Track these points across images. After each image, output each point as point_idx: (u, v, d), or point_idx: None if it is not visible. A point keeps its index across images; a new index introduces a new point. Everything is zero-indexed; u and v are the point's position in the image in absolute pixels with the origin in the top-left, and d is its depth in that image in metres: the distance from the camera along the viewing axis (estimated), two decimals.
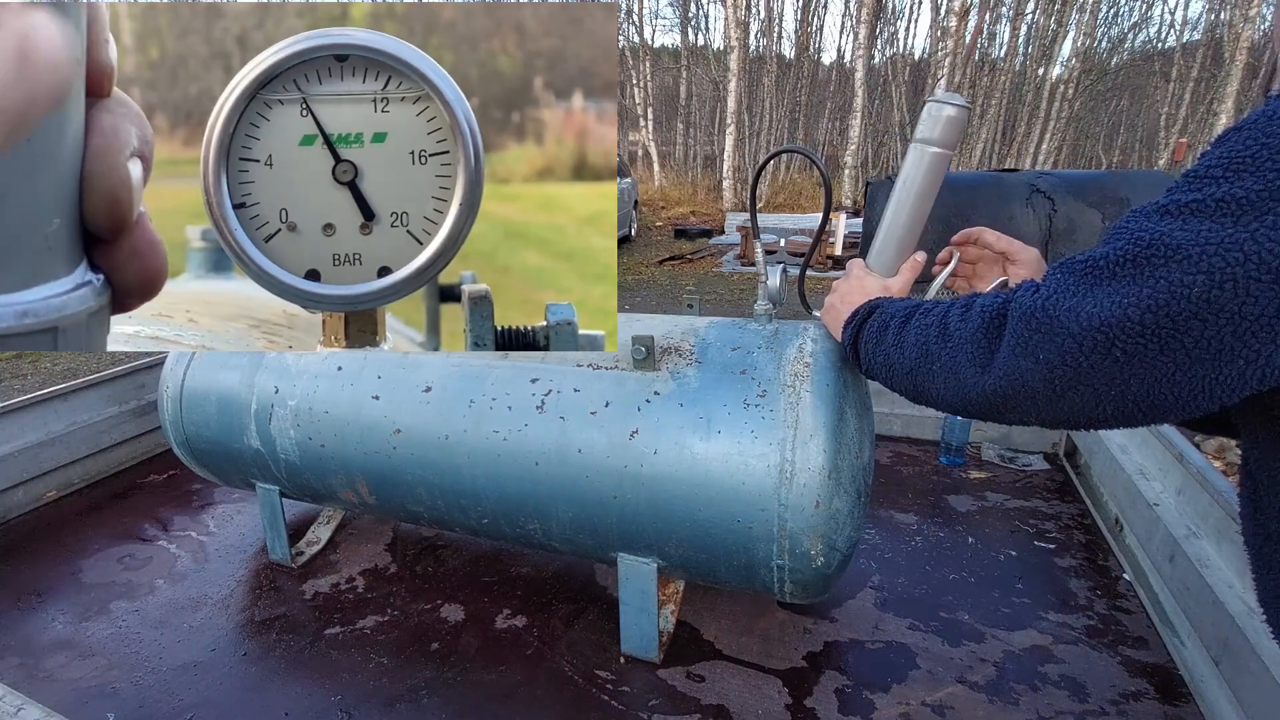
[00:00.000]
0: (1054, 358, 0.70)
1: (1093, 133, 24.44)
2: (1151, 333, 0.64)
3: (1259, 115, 0.60)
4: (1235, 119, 0.80)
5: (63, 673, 1.68)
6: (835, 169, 15.24)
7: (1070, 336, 0.68)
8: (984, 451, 2.73)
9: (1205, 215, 0.61)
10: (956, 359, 0.85)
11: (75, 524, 2.36)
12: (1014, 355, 0.75)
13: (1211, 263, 0.60)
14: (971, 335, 0.83)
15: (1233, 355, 0.61)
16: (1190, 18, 29.31)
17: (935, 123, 1.17)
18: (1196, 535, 1.68)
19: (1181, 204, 0.64)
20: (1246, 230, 0.59)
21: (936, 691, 1.56)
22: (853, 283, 1.25)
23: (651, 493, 1.42)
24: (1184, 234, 0.62)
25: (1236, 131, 0.62)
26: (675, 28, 36.79)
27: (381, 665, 1.69)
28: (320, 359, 1.79)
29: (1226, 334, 0.61)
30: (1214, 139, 0.65)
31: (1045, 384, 0.72)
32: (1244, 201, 0.59)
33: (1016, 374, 0.75)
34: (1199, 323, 0.61)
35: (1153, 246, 0.64)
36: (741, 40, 15.42)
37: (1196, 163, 0.65)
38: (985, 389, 0.80)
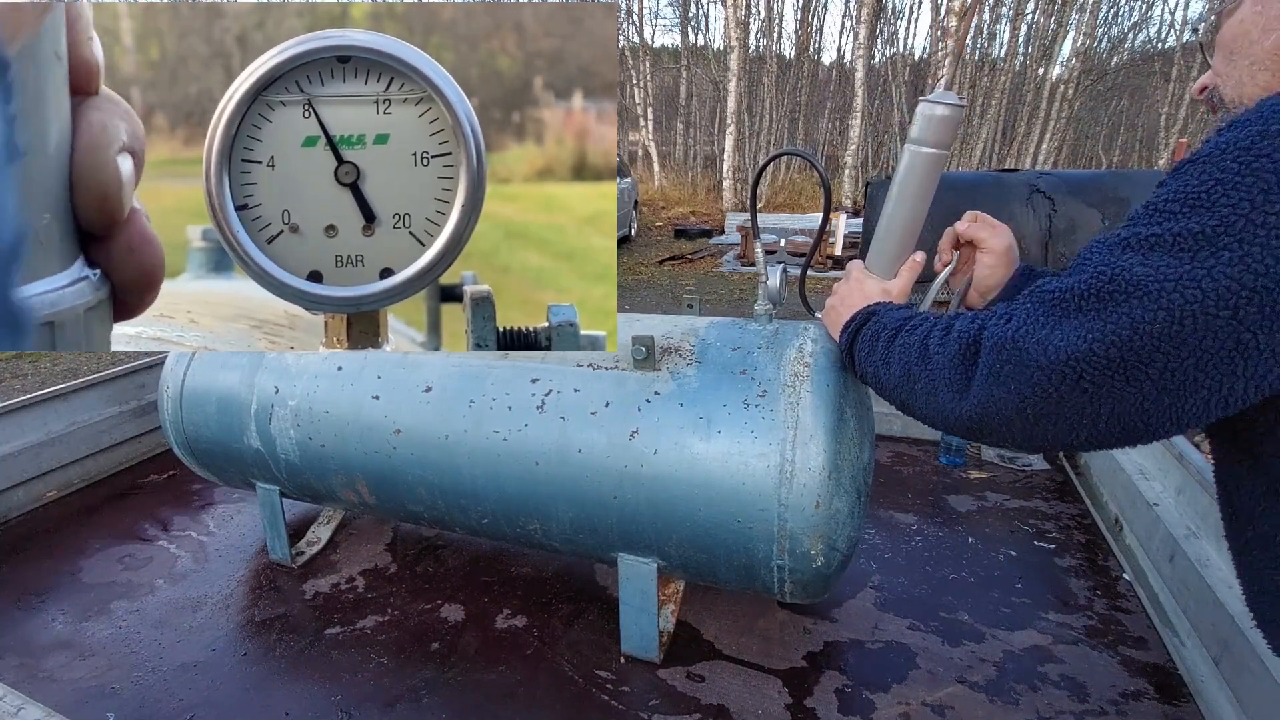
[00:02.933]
0: (1025, 389, 0.73)
1: (1093, 133, 24.46)
2: (1117, 366, 0.66)
3: (1213, 149, 0.62)
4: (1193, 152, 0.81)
5: (63, 673, 1.68)
6: (835, 169, 15.24)
7: (1039, 369, 0.71)
8: (984, 451, 2.73)
9: (1164, 250, 0.63)
10: (935, 384, 0.87)
11: (75, 524, 2.36)
12: (988, 385, 0.77)
13: (1171, 299, 0.62)
14: (949, 361, 0.85)
15: (1196, 386, 0.63)
16: (1190, 18, 29.35)
17: (928, 123, 1.16)
18: (1196, 535, 1.68)
19: (1141, 238, 0.65)
20: (1203, 267, 0.60)
21: (936, 691, 1.56)
22: (852, 285, 1.25)
23: (651, 493, 1.42)
24: (1143, 269, 0.64)
25: (1192, 163, 0.63)
26: (675, 28, 36.78)
27: (381, 665, 1.69)
28: (320, 359, 1.79)
29: (1189, 366, 0.63)
30: (1171, 169, 0.66)
31: (1018, 413, 0.75)
32: (1200, 237, 0.61)
33: (991, 403, 0.77)
34: (1162, 356, 0.63)
35: (1114, 281, 0.66)
36: (741, 40, 15.42)
37: (1155, 194, 0.66)
38: (962, 414, 0.82)
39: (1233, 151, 0.60)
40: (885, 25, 21.52)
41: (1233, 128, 0.61)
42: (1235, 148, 0.60)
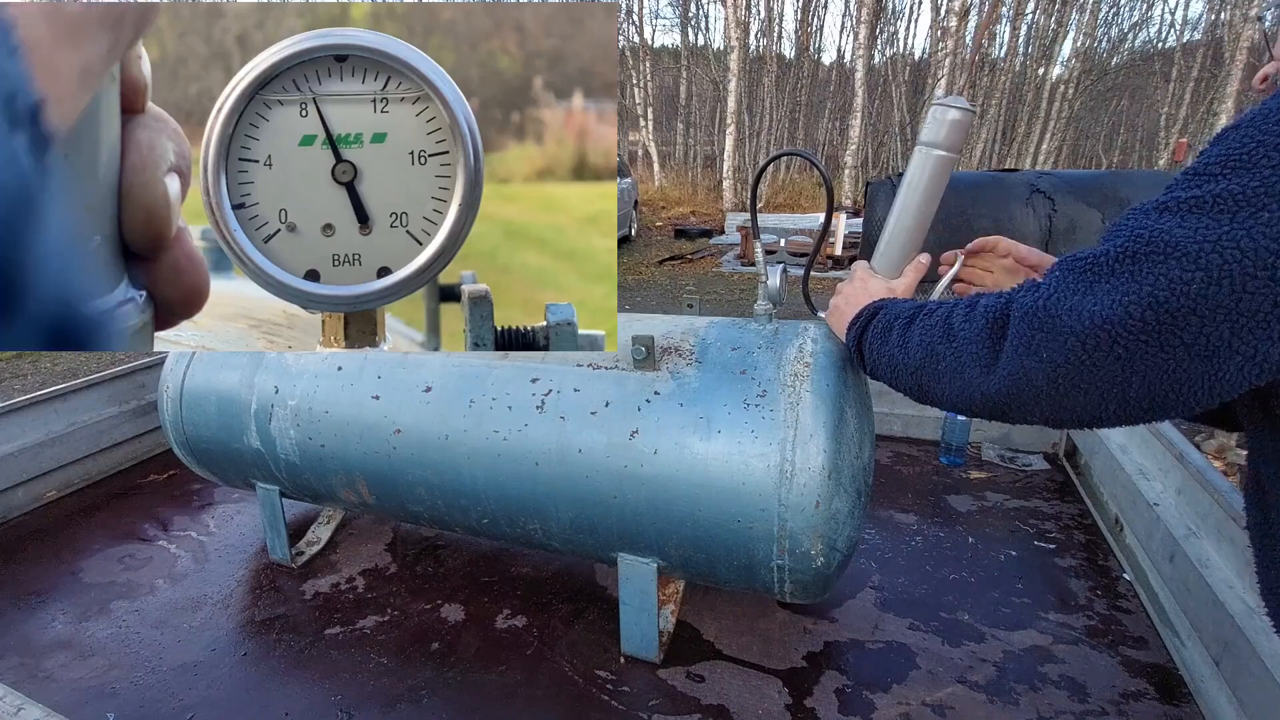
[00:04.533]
0: (1057, 356, 0.71)
1: (1093, 133, 24.44)
2: (1152, 329, 0.64)
3: (1255, 113, 0.61)
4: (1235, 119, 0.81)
5: (63, 673, 1.68)
6: (835, 169, 15.24)
7: (1073, 335, 0.69)
8: (984, 451, 2.73)
9: (1202, 212, 0.62)
10: (961, 359, 0.85)
11: (75, 524, 2.36)
12: (1018, 355, 0.75)
13: (1209, 259, 0.60)
14: (976, 336, 0.83)
15: (1230, 351, 0.62)
16: (1190, 18, 29.35)
17: (940, 126, 1.18)
18: (1196, 535, 1.68)
19: (1180, 200, 0.64)
20: (1243, 227, 0.59)
21: (936, 691, 1.56)
22: (857, 284, 1.25)
23: (651, 493, 1.42)
24: (1181, 231, 0.62)
25: (1234, 129, 0.62)
26: (675, 28, 36.77)
27: (381, 665, 1.69)
28: (320, 359, 1.79)
29: (1224, 330, 0.61)
30: (1213, 137, 0.65)
31: (1049, 383, 0.72)
32: (1240, 198, 0.60)
33: (1021, 374, 0.75)
34: (1197, 319, 0.62)
35: (1151, 243, 0.64)
36: (741, 40, 15.42)
37: (1196, 160, 0.65)
38: (990, 389, 0.80)
39: (1277, 115, 0.59)
40: (885, 25, 21.53)
41: (1271, 98, 0.61)
42: (1278, 112, 0.59)
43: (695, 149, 23.40)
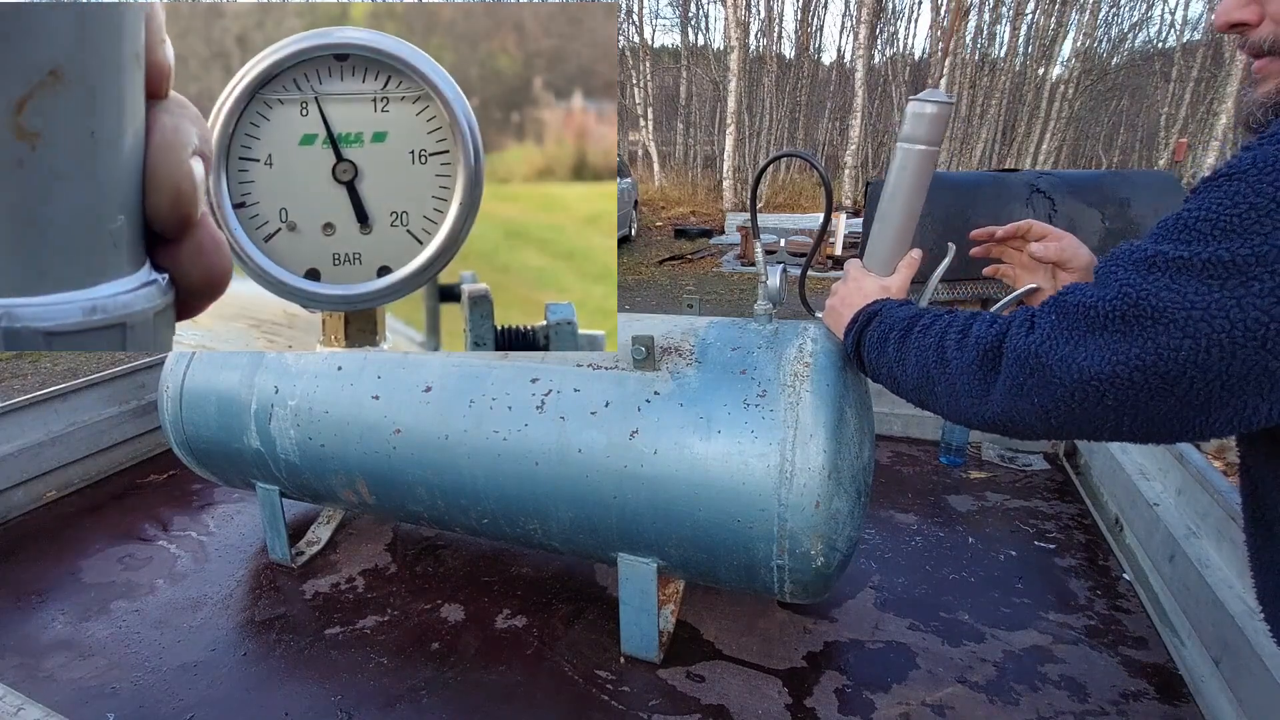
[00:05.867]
0: (1048, 402, 0.74)
1: (1093, 133, 24.46)
2: (1141, 386, 0.66)
3: (1248, 165, 0.60)
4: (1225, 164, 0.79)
5: (63, 673, 1.68)
6: (835, 169, 15.24)
7: (1062, 385, 0.71)
8: (984, 451, 2.73)
9: (1192, 274, 0.62)
10: (955, 388, 0.88)
11: (75, 524, 2.36)
12: (1010, 396, 0.78)
13: (1198, 328, 0.61)
14: (968, 367, 0.85)
15: (1222, 404, 0.63)
16: (1190, 18, 29.35)
17: (918, 120, 1.18)
18: (1196, 535, 1.68)
19: (1169, 258, 0.64)
20: (1233, 296, 0.59)
21: (936, 691, 1.56)
22: (851, 285, 1.25)
23: (651, 493, 1.42)
24: (1169, 294, 0.63)
25: (1227, 179, 0.61)
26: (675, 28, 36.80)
27: (381, 665, 1.69)
28: (320, 359, 1.79)
29: (1215, 388, 0.62)
30: (1203, 180, 0.64)
31: (1041, 421, 0.76)
32: (1230, 265, 0.59)
33: (1014, 411, 0.78)
34: (1187, 380, 0.63)
35: (1139, 305, 0.65)
36: (741, 40, 15.42)
37: (1186, 207, 0.64)
38: (986, 416, 0.83)
39: (1270, 173, 0.58)
40: (885, 25, 21.53)
41: (1267, 142, 0.59)
42: (1272, 168, 0.58)
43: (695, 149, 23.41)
